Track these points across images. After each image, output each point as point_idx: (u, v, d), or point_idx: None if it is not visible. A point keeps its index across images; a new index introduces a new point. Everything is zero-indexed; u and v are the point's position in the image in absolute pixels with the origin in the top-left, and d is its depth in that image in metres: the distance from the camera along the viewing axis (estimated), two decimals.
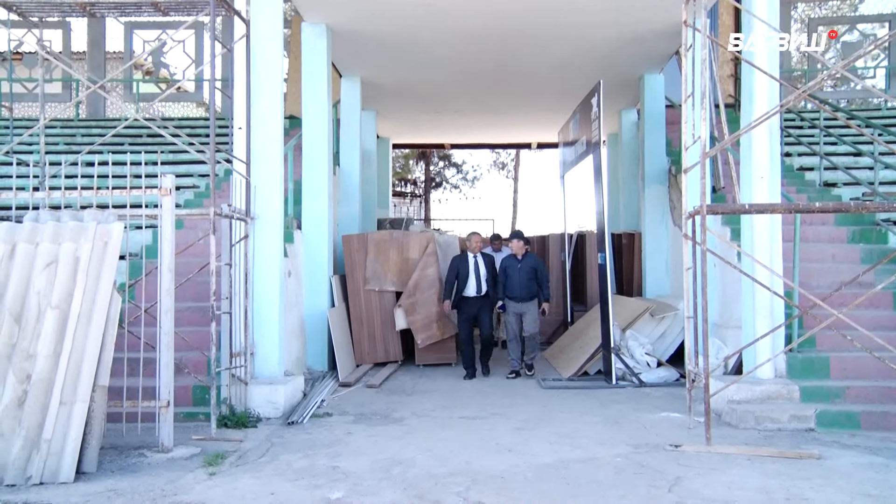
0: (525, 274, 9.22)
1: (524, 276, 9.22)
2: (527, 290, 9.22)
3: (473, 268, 9.35)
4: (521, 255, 9.34)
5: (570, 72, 11.57)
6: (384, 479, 5.04)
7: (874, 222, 8.90)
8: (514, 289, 9.22)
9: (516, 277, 9.22)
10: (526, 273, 9.23)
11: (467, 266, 9.35)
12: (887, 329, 7.26)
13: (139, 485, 4.89)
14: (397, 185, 28.50)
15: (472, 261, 9.38)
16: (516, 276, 9.22)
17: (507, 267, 9.32)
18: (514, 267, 9.29)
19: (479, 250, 9.50)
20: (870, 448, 5.81)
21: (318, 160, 9.54)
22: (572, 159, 11.46)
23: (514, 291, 9.22)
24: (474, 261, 9.39)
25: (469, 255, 9.43)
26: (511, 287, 9.24)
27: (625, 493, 4.73)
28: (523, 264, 9.29)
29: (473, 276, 9.33)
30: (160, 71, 15.05)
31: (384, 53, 10.75)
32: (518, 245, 9.36)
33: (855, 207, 6.48)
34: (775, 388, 6.79)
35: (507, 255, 9.53)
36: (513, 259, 9.37)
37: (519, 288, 9.19)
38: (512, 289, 9.24)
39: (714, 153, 6.40)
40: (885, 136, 10.17)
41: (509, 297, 9.28)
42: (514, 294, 9.22)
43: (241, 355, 7.00)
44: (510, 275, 9.26)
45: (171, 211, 6.00)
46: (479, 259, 9.43)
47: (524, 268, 9.27)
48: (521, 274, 9.22)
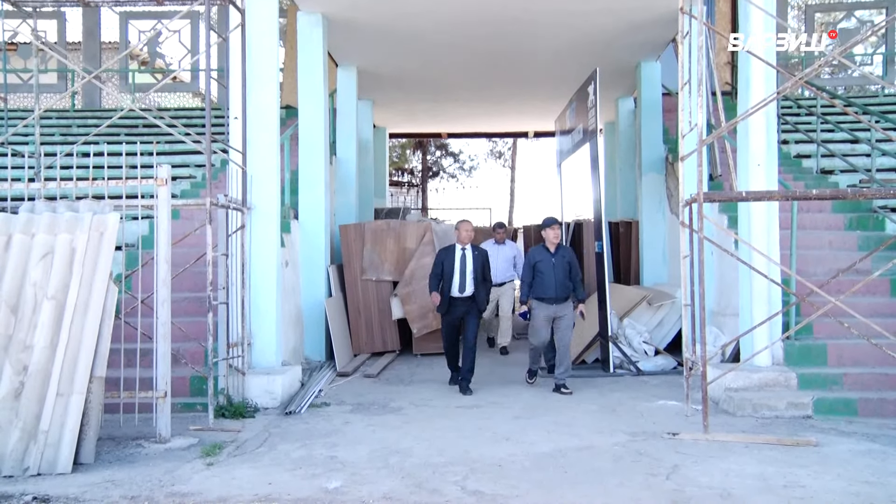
0: (561, 270, 7.66)
1: (560, 272, 7.65)
2: (563, 289, 7.67)
3: (459, 263, 7.84)
4: (555, 249, 7.77)
5: (566, 60, 11.52)
6: (382, 468, 5.05)
7: (871, 209, 8.90)
8: (546, 288, 7.63)
9: (550, 274, 7.62)
10: (562, 269, 7.67)
11: (452, 260, 7.85)
12: (884, 316, 7.27)
13: (136, 475, 4.89)
14: (394, 175, 28.46)
15: (459, 254, 7.86)
16: (550, 272, 7.63)
17: (538, 262, 7.70)
18: (546, 261, 7.68)
19: (468, 242, 7.95)
20: (867, 435, 5.82)
21: (315, 150, 9.51)
22: (569, 148, 11.44)
23: (548, 291, 7.62)
24: (461, 254, 7.86)
25: (456, 248, 7.90)
26: (543, 286, 7.64)
27: (622, 480, 4.74)
28: (558, 258, 7.70)
29: (458, 273, 7.81)
30: (156, 61, 15.00)
31: (380, 42, 10.70)
32: (554, 234, 7.79)
33: (852, 194, 6.45)
34: (773, 376, 6.80)
35: (538, 248, 7.90)
36: (544, 252, 7.77)
37: (554, 287, 7.61)
38: (544, 288, 7.64)
39: (711, 141, 6.38)
40: (883, 123, 10.16)
41: (539, 299, 7.69)
42: (548, 294, 7.63)
43: (238, 345, 6.99)
44: (542, 270, 7.65)
45: (168, 201, 5.98)
46: (468, 253, 7.88)
47: (559, 262, 7.69)
48: (556, 270, 7.63)
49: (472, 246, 7.97)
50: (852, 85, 15.86)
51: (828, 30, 16.49)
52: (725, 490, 4.53)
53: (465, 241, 7.92)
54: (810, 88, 8.85)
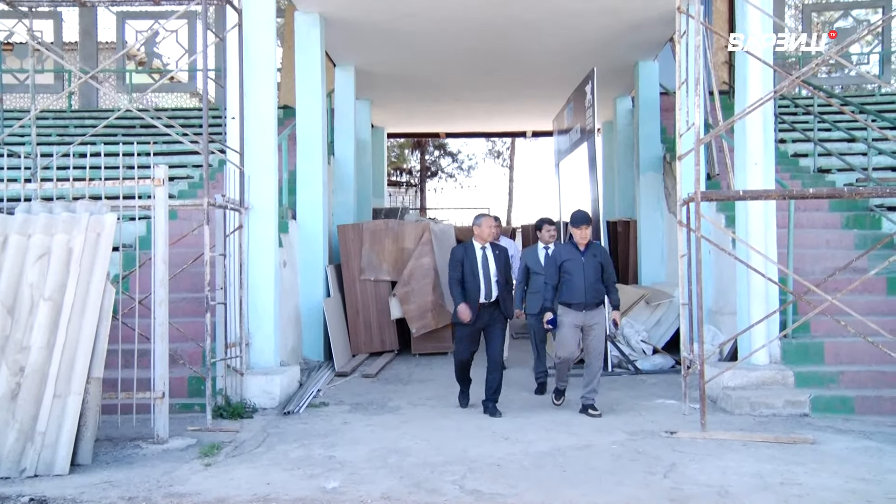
0: (592, 271, 6.64)
1: (591, 273, 6.63)
2: (593, 294, 6.64)
3: (482, 263, 6.76)
4: (585, 247, 6.75)
5: (565, 59, 11.53)
6: (380, 467, 5.05)
7: (868, 208, 8.91)
8: (575, 292, 6.60)
9: (579, 276, 6.60)
10: (593, 270, 6.65)
11: (474, 260, 6.76)
12: (881, 314, 7.29)
13: (134, 476, 4.88)
14: (392, 175, 28.46)
15: (481, 254, 6.81)
16: (579, 273, 6.61)
17: (565, 261, 6.66)
18: (575, 261, 6.66)
19: (491, 240, 6.96)
20: (864, 433, 5.83)
21: (313, 150, 9.51)
22: (567, 147, 11.44)
23: (576, 295, 6.59)
24: (482, 254, 6.81)
25: (476, 246, 6.86)
26: (571, 289, 6.62)
27: (621, 479, 4.74)
28: (588, 257, 6.67)
29: (482, 276, 6.73)
30: (153, 61, 14.99)
31: (378, 42, 10.71)
32: (583, 233, 6.71)
33: (848, 193, 6.47)
34: (770, 374, 6.81)
35: (564, 246, 6.87)
36: (572, 250, 6.72)
37: (583, 291, 6.59)
38: (572, 292, 6.61)
39: (708, 140, 6.39)
40: (879, 122, 10.18)
41: (566, 304, 6.66)
42: (576, 299, 6.60)
43: (236, 346, 6.99)
44: (570, 271, 6.63)
45: (165, 201, 5.98)
46: (489, 252, 6.85)
47: (590, 262, 6.66)
48: (586, 271, 6.62)
49: (492, 244, 6.97)
50: (849, 84, 15.88)
51: (825, 29, 16.53)
52: (723, 488, 4.53)
53: (488, 238, 6.88)
54: (807, 88, 8.88)
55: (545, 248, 7.78)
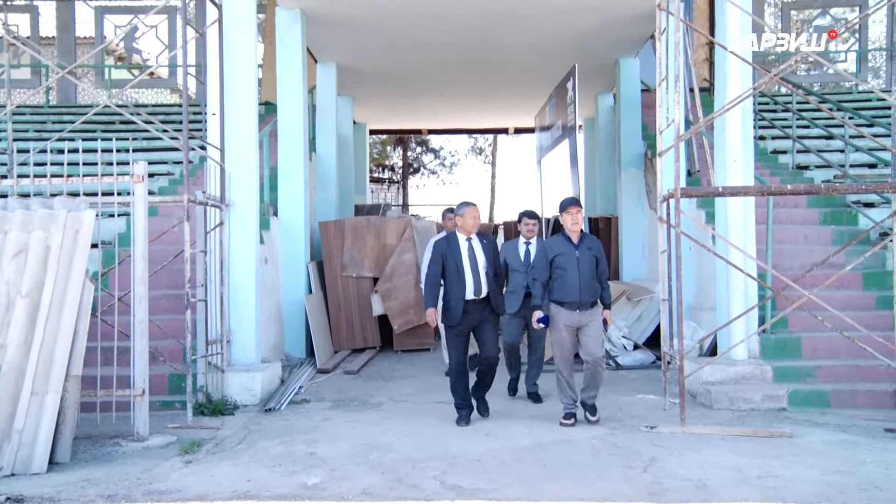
0: (587, 266, 6.05)
1: (586, 268, 6.04)
2: (589, 291, 6.04)
3: (468, 256, 6.17)
4: (578, 239, 6.14)
5: (546, 56, 11.55)
6: (362, 464, 5.06)
7: (845, 204, 9.01)
8: (569, 289, 5.99)
9: (574, 271, 6.00)
10: (588, 265, 6.05)
11: (459, 253, 6.17)
12: (857, 309, 7.37)
13: (114, 474, 4.86)
14: (375, 171, 28.43)
15: (466, 246, 6.22)
16: (574, 269, 6.00)
17: (557, 255, 6.05)
18: (569, 255, 6.04)
19: (475, 231, 6.30)
20: (839, 426, 5.92)
21: (294, 146, 9.48)
22: (549, 144, 11.48)
23: (571, 293, 5.99)
24: (468, 246, 6.22)
25: (460, 238, 6.26)
26: (565, 287, 6.00)
27: (601, 474, 4.78)
28: (583, 251, 6.07)
29: (470, 270, 6.13)
30: (132, 57, 14.86)
31: (360, 38, 10.68)
32: (572, 219, 6.11)
33: (825, 189, 6.54)
34: (749, 369, 6.88)
35: (556, 239, 6.26)
36: (565, 242, 6.11)
37: (579, 288, 5.99)
38: (567, 289, 6.00)
39: (688, 136, 6.44)
40: (856, 120, 10.29)
41: (559, 303, 6.05)
42: (571, 298, 5.99)
43: (217, 343, 6.97)
44: (563, 266, 6.02)
45: (144, 198, 5.94)
46: (476, 243, 6.26)
47: (585, 256, 6.05)
48: (581, 266, 6.02)
49: (479, 234, 6.35)
50: (828, 81, 16.03)
51: (805, 27, 16.68)
52: (701, 482, 4.58)
53: (473, 229, 6.25)
54: (786, 85, 8.94)
55: (526, 243, 7.21)
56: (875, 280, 7.81)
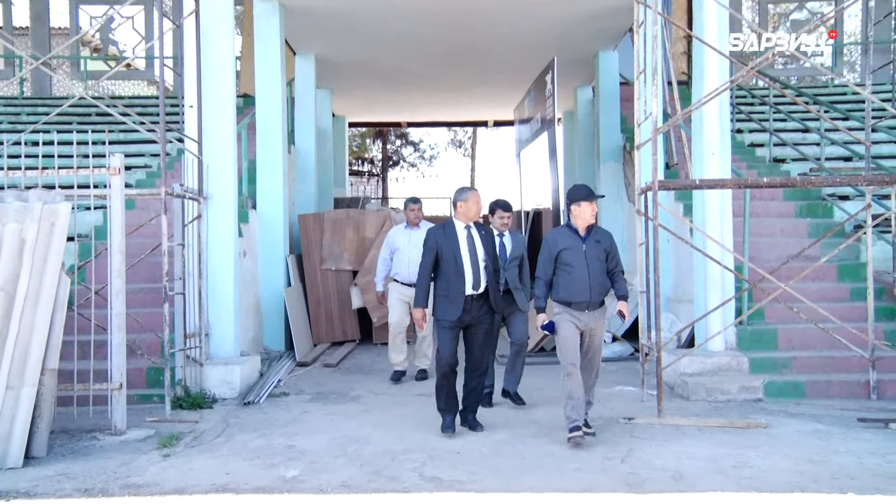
0: (597, 261, 5.37)
1: (596, 264, 5.37)
2: (599, 290, 5.37)
3: (468, 246, 5.57)
4: (586, 231, 5.45)
5: (525, 49, 11.56)
6: (340, 456, 5.06)
7: (820, 197, 9.11)
8: (578, 288, 5.31)
9: (582, 267, 5.32)
10: (598, 260, 5.38)
11: (457, 243, 5.55)
12: (832, 300, 7.47)
13: (91, 468, 4.82)
14: (354, 164, 28.33)
15: (465, 234, 5.60)
16: (582, 264, 5.32)
17: (563, 250, 5.36)
18: (576, 249, 5.37)
19: (474, 220, 5.73)
20: (814, 416, 6.00)
21: (273, 139, 9.43)
22: (528, 137, 11.51)
23: (579, 293, 5.31)
24: (467, 235, 5.61)
25: (457, 226, 5.63)
26: (573, 285, 5.32)
27: (579, 465, 4.82)
28: (591, 245, 5.40)
29: (469, 261, 5.53)
30: (108, 48, 14.68)
31: (339, 31, 10.63)
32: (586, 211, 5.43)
33: (801, 182, 6.64)
34: (726, 361, 6.95)
35: (561, 230, 5.55)
36: (572, 235, 5.43)
37: (588, 287, 5.30)
38: (574, 288, 5.31)
39: (665, 129, 6.48)
40: (831, 113, 10.39)
41: (565, 303, 5.36)
42: (580, 297, 5.31)
43: (195, 336, 6.93)
44: (570, 262, 5.33)
45: (121, 191, 5.89)
46: (474, 232, 5.66)
47: (594, 251, 5.39)
48: (590, 261, 5.35)
49: (477, 224, 5.77)
50: (805, 75, 16.16)
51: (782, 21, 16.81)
52: (678, 472, 4.63)
53: (475, 217, 5.72)
54: (763, 78, 9.02)
55: (499, 235, 6.44)
56: (849, 272, 7.92)
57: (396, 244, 7.78)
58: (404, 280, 7.65)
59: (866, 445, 5.15)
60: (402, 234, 7.81)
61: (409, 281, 7.44)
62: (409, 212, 7.89)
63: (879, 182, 6.53)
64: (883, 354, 6.58)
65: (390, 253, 7.83)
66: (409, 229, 7.80)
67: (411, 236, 7.65)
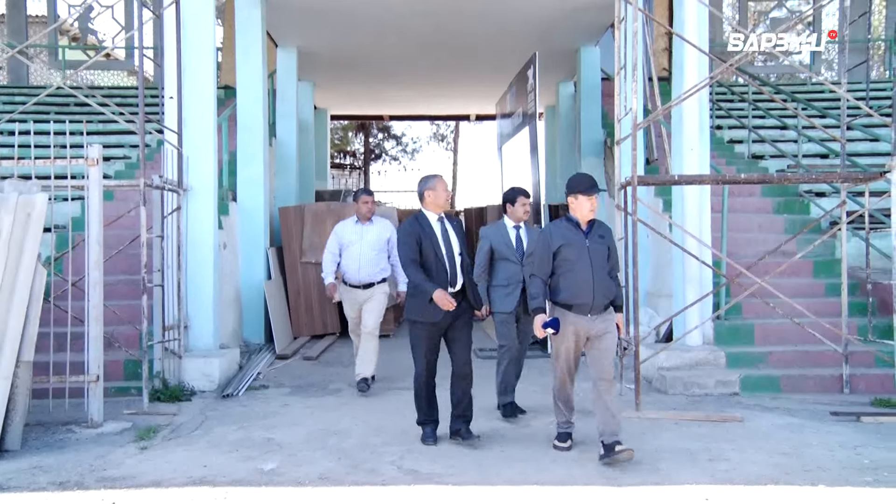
0: (601, 259, 4.79)
1: (599, 262, 4.78)
2: (604, 291, 4.78)
3: (443, 239, 5.15)
4: (588, 225, 4.87)
5: (508, 43, 11.57)
6: (319, 448, 5.06)
7: (797, 193, 9.22)
8: (580, 289, 4.72)
9: (585, 265, 4.74)
10: (600, 257, 4.79)
11: (434, 236, 5.13)
12: (807, 296, 7.56)
13: (66, 461, 4.79)
14: (336, 157, 28.22)
15: (439, 227, 5.18)
16: (585, 262, 4.74)
17: (564, 245, 4.76)
18: (578, 245, 4.77)
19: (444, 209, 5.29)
20: (788, 410, 6.07)
21: (254, 131, 9.39)
22: (509, 131, 11.51)
23: (582, 294, 4.73)
24: (441, 227, 5.19)
25: (430, 218, 5.20)
26: (575, 285, 4.74)
27: (556, 459, 4.86)
28: (594, 240, 4.81)
29: (445, 255, 5.12)
30: (87, 37, 14.52)
31: (321, 23, 10.58)
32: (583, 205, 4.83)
33: (777, 179, 6.70)
34: (703, 355, 7.01)
35: (559, 224, 4.93)
36: (573, 229, 4.84)
37: (593, 287, 4.72)
38: (578, 288, 4.73)
39: (645, 125, 6.52)
40: (809, 111, 10.49)
41: (566, 306, 4.78)
42: (582, 299, 4.73)
43: (174, 328, 6.90)
44: (572, 259, 4.75)
45: (99, 182, 5.84)
46: (447, 223, 5.25)
47: (597, 248, 4.80)
48: (594, 259, 4.76)
49: (447, 216, 5.35)
50: (784, 73, 16.30)
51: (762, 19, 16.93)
52: (654, 465, 4.67)
53: (445, 206, 5.28)
54: (741, 75, 9.09)
55: (515, 227, 5.91)
56: (824, 268, 8.03)
57: (345, 240, 6.91)
58: (354, 282, 6.88)
59: (838, 438, 5.23)
60: (353, 229, 6.96)
61: (359, 283, 6.87)
62: (361, 204, 6.96)
63: (854, 179, 6.62)
64: (856, 349, 6.68)
65: (338, 248, 6.97)
66: (360, 224, 6.95)
67: (363, 232, 6.90)
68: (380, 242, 6.95)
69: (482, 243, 5.92)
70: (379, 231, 6.98)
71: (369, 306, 6.93)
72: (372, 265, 6.90)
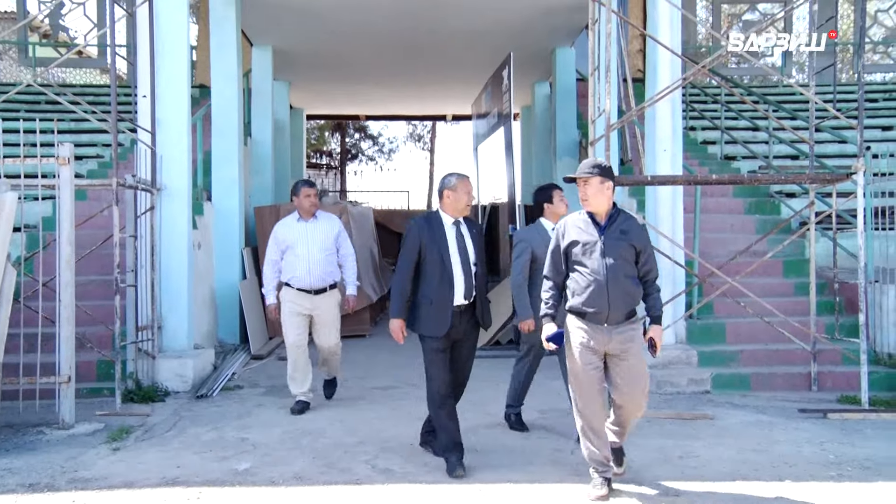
0: (620, 259, 4.07)
1: (616, 262, 4.05)
2: (623, 298, 4.06)
3: (458, 246, 4.63)
4: (606, 219, 4.15)
5: (483, 44, 11.62)
6: (293, 448, 5.06)
7: (768, 194, 9.35)
8: (594, 294, 4.04)
9: (600, 266, 4.05)
10: (619, 257, 4.06)
11: (445, 241, 4.59)
12: (777, 295, 7.68)
13: (36, 462, 4.75)
14: (312, 157, 28.14)
15: (454, 232, 4.65)
16: (599, 262, 4.06)
17: (574, 243, 4.15)
18: (589, 243, 4.10)
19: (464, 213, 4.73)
20: (757, 407, 6.18)
21: (228, 130, 9.34)
22: (485, 131, 11.56)
23: (597, 300, 4.03)
24: (456, 232, 4.65)
25: (445, 221, 4.66)
26: (588, 290, 4.06)
27: (530, 457, 4.90)
28: (612, 237, 4.09)
29: (460, 264, 4.59)
30: (58, 34, 14.33)
31: (296, 22, 10.55)
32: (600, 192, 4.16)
33: (748, 179, 6.79)
34: (676, 354, 7.09)
35: (571, 218, 4.28)
36: (587, 223, 4.17)
37: (608, 293, 4.03)
38: (590, 293, 4.05)
39: (618, 126, 6.58)
40: (779, 113, 10.64)
41: (578, 314, 4.14)
42: (596, 306, 4.04)
43: (148, 329, 6.86)
44: (583, 261, 4.10)
45: (70, 181, 5.79)
46: (465, 230, 4.70)
47: (615, 245, 4.08)
48: (609, 258, 4.05)
49: (466, 220, 4.77)
50: (756, 75, 16.50)
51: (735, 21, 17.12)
52: (627, 463, 4.71)
53: (465, 210, 4.71)
54: (714, 77, 9.20)
55: (554, 228, 4.52)
56: (794, 267, 8.15)
57: (288, 241, 6.13)
58: (302, 285, 6.09)
59: (805, 435, 5.33)
60: (295, 227, 6.19)
61: (308, 286, 6.09)
62: (302, 199, 6.16)
63: (822, 180, 6.73)
64: (823, 347, 6.81)
65: (280, 253, 6.18)
66: (303, 221, 6.20)
67: (308, 230, 6.15)
68: (328, 241, 6.18)
69: (519, 250, 5.31)
70: (326, 229, 6.22)
71: (323, 319, 6.17)
72: (322, 267, 6.12)
